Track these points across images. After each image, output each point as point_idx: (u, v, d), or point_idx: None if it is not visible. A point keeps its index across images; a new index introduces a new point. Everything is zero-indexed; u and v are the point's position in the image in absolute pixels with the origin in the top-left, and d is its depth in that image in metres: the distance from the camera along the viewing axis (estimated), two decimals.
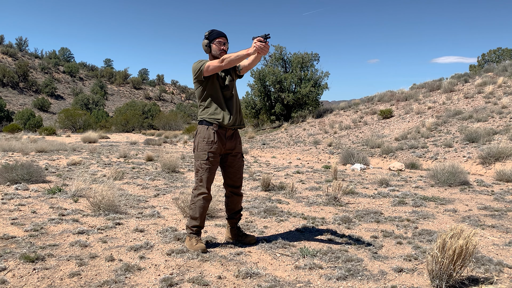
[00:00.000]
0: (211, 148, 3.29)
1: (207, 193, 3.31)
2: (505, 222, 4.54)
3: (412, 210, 5.12)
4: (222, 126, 3.32)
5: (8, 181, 6.22)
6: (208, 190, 3.31)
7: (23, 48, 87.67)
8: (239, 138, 3.50)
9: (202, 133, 3.33)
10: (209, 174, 3.31)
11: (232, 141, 3.41)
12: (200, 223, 3.36)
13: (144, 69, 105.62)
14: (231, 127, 3.37)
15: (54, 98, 72.34)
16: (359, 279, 2.83)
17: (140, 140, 24.37)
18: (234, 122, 3.37)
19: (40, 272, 2.80)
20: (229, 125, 3.32)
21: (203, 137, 3.31)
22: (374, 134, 16.64)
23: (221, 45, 3.30)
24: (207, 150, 3.28)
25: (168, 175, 7.94)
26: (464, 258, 2.61)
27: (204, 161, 3.29)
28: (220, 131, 3.33)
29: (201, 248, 3.28)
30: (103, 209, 4.49)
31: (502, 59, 36.35)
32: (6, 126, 33.22)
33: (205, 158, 3.28)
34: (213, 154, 3.30)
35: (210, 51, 3.34)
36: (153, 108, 55.90)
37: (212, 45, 3.32)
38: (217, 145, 3.31)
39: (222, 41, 3.31)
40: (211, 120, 3.32)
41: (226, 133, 3.36)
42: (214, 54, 3.32)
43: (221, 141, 3.34)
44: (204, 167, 3.29)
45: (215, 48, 3.31)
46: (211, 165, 3.30)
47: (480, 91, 17.76)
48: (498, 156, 9.59)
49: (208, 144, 3.30)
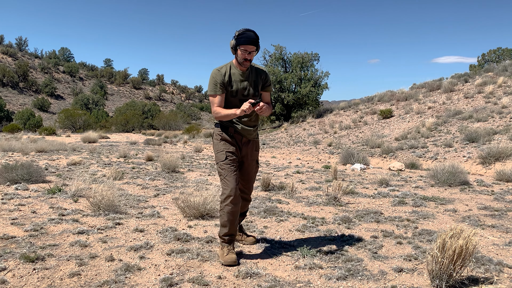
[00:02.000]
0: (229, 148, 3.19)
1: (234, 195, 3.08)
2: (505, 222, 4.54)
3: (412, 210, 5.11)
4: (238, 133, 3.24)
5: (8, 181, 6.22)
6: (235, 192, 3.08)
7: (23, 48, 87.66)
8: (256, 145, 3.38)
9: (217, 134, 3.25)
10: (233, 174, 3.12)
11: (248, 148, 3.30)
12: (230, 230, 3.14)
13: (144, 69, 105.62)
14: (247, 137, 3.27)
15: (54, 98, 72.33)
16: (359, 279, 2.83)
17: (140, 140, 24.37)
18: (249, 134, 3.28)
19: (40, 272, 2.80)
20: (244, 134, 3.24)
21: (219, 138, 3.23)
22: (374, 134, 16.64)
23: (245, 54, 3.07)
24: (225, 150, 3.18)
25: (168, 175, 7.94)
26: (464, 258, 2.61)
27: (223, 161, 3.15)
28: (236, 136, 3.24)
29: (231, 260, 3.05)
30: (103, 209, 4.49)
31: (502, 59, 36.35)
32: (6, 126, 33.23)
33: (223, 158, 3.15)
34: (231, 153, 3.18)
35: (236, 53, 3.14)
36: (153, 108, 55.92)
37: (238, 50, 3.09)
38: (233, 146, 3.21)
39: (248, 50, 3.05)
40: (227, 124, 3.23)
41: (242, 139, 3.26)
42: (238, 60, 3.13)
43: (238, 144, 3.25)
44: (225, 167, 3.13)
45: (240, 54, 3.09)
46: (232, 164, 3.15)
47: (480, 91, 17.76)
48: (498, 156, 9.59)
49: (225, 144, 3.21)
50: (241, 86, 3.19)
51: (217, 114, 3.14)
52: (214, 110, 3.15)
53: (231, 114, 3.09)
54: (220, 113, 3.12)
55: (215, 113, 3.15)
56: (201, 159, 12.09)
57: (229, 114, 3.10)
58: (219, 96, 3.14)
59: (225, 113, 3.11)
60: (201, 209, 4.42)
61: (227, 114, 3.10)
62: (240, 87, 3.19)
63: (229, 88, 3.15)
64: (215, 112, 3.15)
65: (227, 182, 3.10)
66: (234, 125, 3.21)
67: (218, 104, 3.14)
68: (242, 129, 3.22)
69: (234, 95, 3.17)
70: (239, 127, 3.22)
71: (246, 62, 3.11)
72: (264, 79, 3.29)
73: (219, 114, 3.13)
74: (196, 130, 31.60)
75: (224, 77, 3.13)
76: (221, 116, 3.12)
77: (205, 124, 49.44)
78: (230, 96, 3.16)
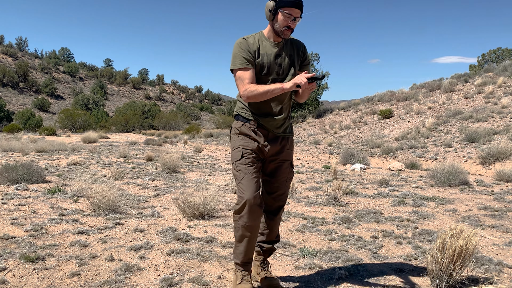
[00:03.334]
0: (248, 145, 2.47)
1: (252, 205, 2.36)
2: (505, 222, 4.54)
3: (412, 210, 5.11)
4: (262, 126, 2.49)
5: (8, 181, 6.22)
6: (253, 201, 2.36)
7: (23, 48, 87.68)
8: (289, 143, 2.62)
9: (235, 128, 2.55)
10: (250, 177, 2.40)
11: (277, 145, 2.53)
12: (247, 252, 2.48)
13: (144, 69, 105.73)
14: (273, 131, 2.52)
15: (54, 98, 72.33)
16: (359, 279, 2.83)
17: (140, 140, 24.36)
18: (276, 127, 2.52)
19: (40, 272, 2.80)
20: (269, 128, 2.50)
21: (236, 132, 2.52)
22: (374, 134, 16.64)
23: (288, 20, 2.33)
24: (242, 146, 2.47)
25: (168, 175, 7.94)
26: (464, 258, 2.61)
27: (238, 160, 2.45)
28: (260, 131, 2.49)
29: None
30: (103, 209, 4.49)
31: (502, 59, 36.34)
32: (6, 126, 33.23)
33: (239, 157, 2.45)
34: (251, 151, 2.46)
35: (273, 19, 2.39)
36: (153, 108, 55.91)
37: (279, 13, 2.34)
38: (255, 143, 2.48)
39: (294, 15, 2.33)
40: (248, 116, 2.50)
41: (268, 135, 2.51)
42: (276, 28, 2.38)
43: (261, 140, 2.49)
44: (241, 168, 2.43)
45: (281, 20, 2.34)
46: (250, 164, 2.43)
47: (480, 91, 17.76)
48: (498, 156, 9.59)
49: (242, 139, 2.49)
50: (274, 61, 2.45)
51: (252, 93, 2.34)
52: (247, 88, 2.35)
53: (275, 90, 2.32)
54: (257, 90, 2.33)
55: (249, 91, 2.34)
56: (201, 159, 12.09)
57: (272, 90, 2.32)
58: (250, 70, 2.39)
59: (265, 89, 2.32)
60: (201, 209, 4.42)
61: (269, 90, 2.32)
62: (272, 63, 2.44)
63: (258, 64, 2.43)
64: (248, 90, 2.34)
65: (242, 187, 2.39)
66: (255, 115, 2.47)
67: (250, 79, 2.38)
68: (267, 121, 2.48)
69: (265, 73, 2.43)
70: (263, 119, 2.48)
71: (287, 31, 2.37)
72: (303, 54, 2.56)
73: (255, 92, 2.33)
74: (196, 130, 31.60)
75: (253, 47, 2.41)
76: (258, 93, 2.33)
77: (205, 124, 49.46)
78: (259, 74, 2.43)
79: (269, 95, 2.35)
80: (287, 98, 2.52)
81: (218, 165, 10.44)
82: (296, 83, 2.25)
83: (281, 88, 2.31)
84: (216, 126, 40.32)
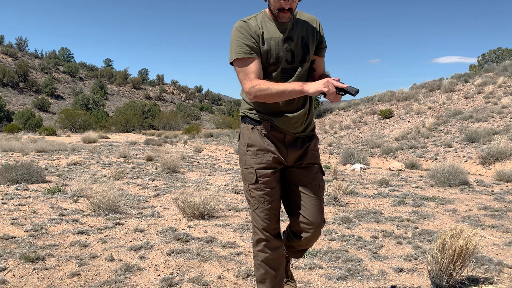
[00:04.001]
0: (262, 162, 1.99)
1: (270, 238, 2.02)
2: (505, 222, 4.54)
3: (412, 210, 5.11)
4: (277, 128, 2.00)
5: (8, 181, 6.22)
6: (270, 233, 2.02)
7: (23, 48, 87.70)
8: (314, 143, 2.11)
9: (244, 137, 2.06)
10: (266, 207, 2.00)
11: (298, 149, 2.04)
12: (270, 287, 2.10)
13: (144, 69, 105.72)
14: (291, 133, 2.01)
15: (54, 98, 72.33)
16: (359, 279, 2.83)
17: (140, 140, 24.36)
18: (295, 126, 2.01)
19: (40, 272, 2.80)
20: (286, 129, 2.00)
21: (246, 143, 2.03)
22: (374, 134, 16.65)
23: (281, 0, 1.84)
24: (255, 167, 1.99)
25: (168, 175, 7.94)
26: (464, 258, 2.61)
27: (252, 185, 2.00)
28: (275, 134, 2.00)
29: None
30: (103, 209, 4.49)
31: (502, 59, 36.35)
32: (6, 126, 33.24)
33: (252, 181, 2.00)
34: (267, 171, 1.99)
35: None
36: (153, 108, 55.93)
37: None
38: (270, 155, 1.99)
39: None
40: (257, 117, 2.01)
41: (285, 138, 2.02)
42: (272, 10, 1.91)
43: (278, 147, 2.01)
44: (255, 195, 2.00)
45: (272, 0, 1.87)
46: (265, 191, 1.99)
47: (480, 91, 17.76)
48: (498, 156, 9.59)
49: (255, 156, 2.00)
50: (283, 47, 1.94)
51: (262, 92, 1.85)
52: (254, 85, 1.85)
53: (292, 91, 1.83)
54: (269, 89, 1.84)
55: (257, 89, 1.85)
56: (201, 159, 12.09)
57: (288, 91, 1.83)
58: (256, 60, 1.89)
59: (279, 89, 1.83)
60: (201, 209, 4.42)
61: (284, 91, 1.83)
62: (281, 48, 1.93)
63: (263, 50, 1.92)
64: (256, 88, 1.85)
65: (256, 218, 2.02)
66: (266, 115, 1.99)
67: (257, 73, 1.88)
68: (283, 121, 1.97)
69: (273, 62, 1.93)
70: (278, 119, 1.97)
71: (283, 14, 1.87)
72: (318, 35, 2.03)
73: (266, 92, 1.85)
74: (196, 130, 31.61)
75: (257, 31, 1.92)
76: (270, 94, 1.85)
77: (205, 124, 49.49)
78: (265, 63, 1.93)
79: (283, 97, 1.86)
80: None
81: (218, 165, 10.44)
82: (321, 91, 1.78)
83: (300, 91, 1.82)
84: (216, 126, 40.37)
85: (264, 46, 1.92)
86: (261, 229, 2.02)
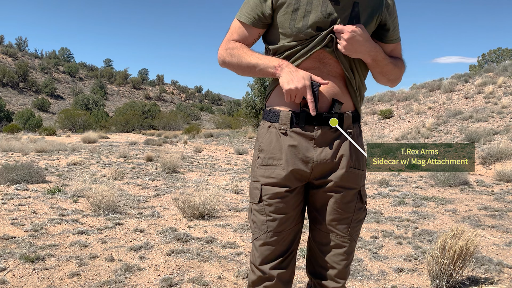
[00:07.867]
0: (271, 177, 1.44)
1: (267, 272, 1.46)
2: (505, 222, 4.54)
3: (412, 210, 5.11)
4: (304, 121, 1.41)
5: (8, 181, 6.22)
6: (271, 268, 1.46)
7: (23, 48, 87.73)
8: (350, 150, 1.48)
9: (258, 138, 1.52)
10: (269, 238, 1.45)
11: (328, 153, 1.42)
12: None
13: (144, 69, 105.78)
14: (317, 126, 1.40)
15: (54, 98, 72.36)
16: (359, 279, 2.83)
17: (140, 140, 24.36)
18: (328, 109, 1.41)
19: (40, 272, 2.80)
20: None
21: (258, 147, 1.50)
22: (374, 134, 16.65)
23: None
24: (262, 182, 1.45)
25: (168, 175, 7.94)
26: (464, 259, 2.61)
27: (256, 204, 1.47)
28: (299, 131, 1.41)
29: None
30: (103, 209, 4.49)
31: (502, 59, 36.38)
32: (6, 126, 33.24)
33: (256, 200, 1.47)
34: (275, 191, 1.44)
35: None
36: (153, 108, 55.89)
37: None
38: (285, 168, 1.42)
39: None
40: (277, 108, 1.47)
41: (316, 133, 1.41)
42: None
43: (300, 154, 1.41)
44: (257, 220, 1.47)
45: None
46: (271, 217, 1.44)
47: (480, 91, 17.76)
48: (498, 156, 9.59)
49: (264, 165, 1.46)
50: (322, 8, 1.36)
51: (231, 56, 1.44)
52: (228, 46, 1.45)
53: (265, 69, 1.39)
54: (240, 57, 1.42)
55: (228, 52, 1.45)
56: (201, 159, 12.09)
57: (260, 68, 1.40)
58: (251, 29, 1.44)
59: (251, 62, 1.41)
60: (201, 209, 4.41)
61: (256, 64, 1.40)
62: (313, 8, 1.36)
63: (289, 12, 1.38)
64: (228, 51, 1.45)
65: (255, 251, 1.49)
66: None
67: (241, 37, 1.46)
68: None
69: (295, 9, 1.37)
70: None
71: None
72: (381, 7, 1.43)
73: (234, 59, 1.44)
74: (196, 130, 31.60)
75: None
76: (238, 64, 1.43)
77: (205, 124, 49.50)
78: (289, 31, 1.39)
79: (253, 72, 1.43)
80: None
81: (218, 165, 10.44)
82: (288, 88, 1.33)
83: (273, 73, 1.38)
84: (216, 126, 40.35)
85: (290, 7, 1.37)
86: (257, 267, 1.46)
